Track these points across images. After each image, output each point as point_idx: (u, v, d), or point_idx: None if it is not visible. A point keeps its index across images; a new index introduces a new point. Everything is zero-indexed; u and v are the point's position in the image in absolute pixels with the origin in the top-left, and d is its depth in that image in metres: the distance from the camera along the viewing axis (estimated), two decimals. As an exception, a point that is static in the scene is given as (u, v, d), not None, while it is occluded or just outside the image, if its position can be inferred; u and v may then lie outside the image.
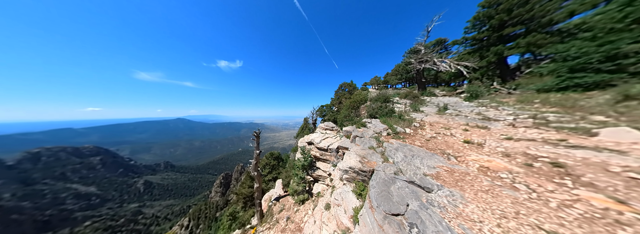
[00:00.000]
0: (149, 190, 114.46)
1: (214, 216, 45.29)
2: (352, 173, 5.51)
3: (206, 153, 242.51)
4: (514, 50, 13.74)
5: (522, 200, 2.74)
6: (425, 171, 3.74)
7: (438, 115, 9.38)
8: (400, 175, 3.89)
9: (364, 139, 6.77)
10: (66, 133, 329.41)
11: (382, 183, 3.78)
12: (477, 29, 16.38)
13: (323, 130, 13.46)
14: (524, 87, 11.00)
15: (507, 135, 5.26)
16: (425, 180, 3.46)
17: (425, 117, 9.08)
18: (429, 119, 8.54)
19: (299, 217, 8.43)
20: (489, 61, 15.34)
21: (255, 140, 10.72)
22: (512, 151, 4.23)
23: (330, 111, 26.32)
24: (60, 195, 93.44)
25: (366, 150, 5.89)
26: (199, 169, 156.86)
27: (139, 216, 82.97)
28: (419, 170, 3.82)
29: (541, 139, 4.57)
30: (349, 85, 27.91)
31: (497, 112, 7.99)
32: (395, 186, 3.49)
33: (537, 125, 5.54)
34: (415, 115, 9.64)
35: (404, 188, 3.36)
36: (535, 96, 8.47)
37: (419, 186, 3.38)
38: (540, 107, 7.22)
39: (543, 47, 11.91)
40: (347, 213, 4.78)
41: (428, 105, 12.15)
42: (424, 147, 5.24)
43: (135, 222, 76.55)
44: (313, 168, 10.68)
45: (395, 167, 4.20)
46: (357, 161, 5.45)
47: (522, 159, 3.86)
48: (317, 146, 10.76)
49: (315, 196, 9.47)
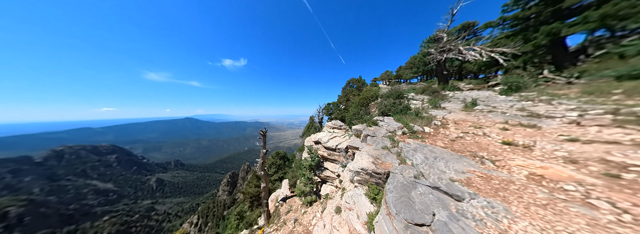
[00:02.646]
0: (161, 187, 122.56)
1: (222, 214, 47.36)
2: (365, 175, 5.25)
3: (213, 152, 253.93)
4: (578, 27, 10.85)
5: (605, 223, 2.17)
6: (453, 176, 3.37)
7: (465, 111, 8.56)
8: (422, 179, 3.56)
9: (376, 138, 6.44)
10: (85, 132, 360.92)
11: (401, 187, 3.48)
12: (523, 4, 13.63)
13: (330, 128, 13.22)
14: (593, 74, 8.90)
15: (570, 136, 4.35)
16: (453, 186, 3.11)
17: (448, 114, 8.40)
18: (453, 116, 7.85)
19: (306, 219, 8.37)
20: (536, 44, 12.72)
21: (261, 138, 10.77)
22: (580, 157, 3.48)
23: (337, 109, 25.92)
24: (81, 191, 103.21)
25: (379, 150, 5.57)
26: (207, 168, 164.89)
27: (152, 213, 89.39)
28: (444, 174, 3.46)
29: (630, 141, 3.65)
30: (357, 81, 27.24)
31: (550, 107, 6.68)
32: (417, 192, 3.19)
33: (620, 123, 4.41)
34: (436, 112, 8.98)
35: (427, 195, 3.04)
36: (613, 85, 6.81)
37: (446, 193, 3.04)
38: (624, 99, 5.69)
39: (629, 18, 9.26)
40: (360, 218, 4.56)
41: (451, 101, 11.15)
42: (449, 148, 4.78)
43: (148, 218, 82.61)
44: (321, 169, 10.54)
45: (415, 170, 3.87)
46: (369, 162, 5.16)
47: (600, 167, 3.14)
48: (324, 145, 10.57)
49: (323, 198, 9.34)
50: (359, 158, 5.69)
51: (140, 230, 71.43)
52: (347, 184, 6.89)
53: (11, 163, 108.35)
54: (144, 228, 73.03)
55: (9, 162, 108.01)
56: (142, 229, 72.03)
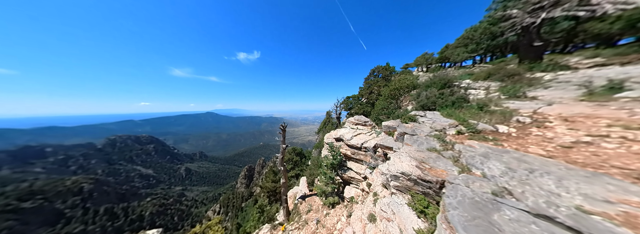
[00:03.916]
0: (189, 175, 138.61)
1: (240, 206, 51.30)
2: (406, 181, 4.51)
3: (232, 146, 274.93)
4: None
5: None
6: (582, 205, 2.24)
7: (589, 101, 5.67)
8: (509, 198, 2.68)
9: (417, 138, 5.55)
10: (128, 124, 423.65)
11: (471, 205, 2.71)
12: None
13: (353, 124, 12.45)
14: None
15: None
16: (589, 223, 2.00)
17: (547, 106, 5.82)
18: (561, 110, 5.35)
19: (330, 222, 8.03)
20: None
21: (281, 133, 10.62)
22: None
23: (358, 103, 24.22)
24: (130, 174, 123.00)
25: (425, 153, 4.72)
26: (227, 160, 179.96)
27: (182, 198, 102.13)
28: (560, 198, 2.36)
29: None
30: (384, 69, 24.00)
31: None
32: (504, 217, 2.38)
33: None
34: (517, 103, 6.59)
35: (527, 224, 2.19)
36: None
37: (574, 230, 2.00)
38: None
39: None
40: (404, 233, 3.91)
41: (550, 87, 7.79)
42: (561, 158, 3.30)
43: (180, 203, 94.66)
44: (343, 169, 10.01)
45: (492, 184, 3.00)
46: (412, 166, 4.39)
47: None
48: (347, 143, 9.94)
49: (347, 200, 8.86)
50: (396, 160, 4.94)
51: (174, 213, 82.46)
52: (378, 189, 6.23)
53: (82, 148, 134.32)
54: (177, 211, 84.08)
55: (80, 147, 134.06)
56: (175, 212, 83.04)
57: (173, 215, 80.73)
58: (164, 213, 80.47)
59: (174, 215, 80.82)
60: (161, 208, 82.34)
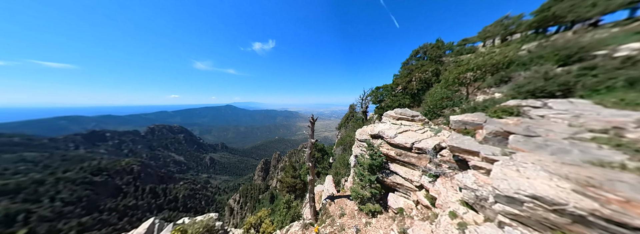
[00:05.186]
0: (213, 164, 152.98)
1: (258, 198, 54.29)
2: (541, 211, 2.88)
3: (249, 139, 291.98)
4: None
5: None
6: None
7: None
8: None
9: (544, 141, 3.72)
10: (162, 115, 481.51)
11: None
12: None
13: (395, 119, 10.67)
14: None
15: None
16: None
17: None
18: None
19: (373, 235, 6.82)
20: None
21: (310, 126, 9.53)
22: None
23: (391, 94, 20.66)
24: (166, 160, 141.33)
25: (583, 168, 2.97)
26: (245, 152, 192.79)
27: (208, 185, 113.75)
28: None
29: None
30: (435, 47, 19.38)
31: None
32: None
33: None
34: None
35: None
36: None
37: None
38: None
39: None
40: None
41: None
42: None
43: (206, 189, 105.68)
44: (385, 172, 8.54)
45: None
46: (555, 188, 2.74)
47: None
48: (390, 141, 8.33)
49: (394, 212, 7.47)
50: (511, 173, 3.30)
51: (201, 197, 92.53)
52: (456, 207, 4.66)
53: (130, 134, 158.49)
54: (204, 197, 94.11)
55: (129, 134, 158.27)
56: (203, 197, 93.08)
57: (201, 200, 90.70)
58: (194, 196, 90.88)
59: (201, 200, 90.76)
60: (191, 192, 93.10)
